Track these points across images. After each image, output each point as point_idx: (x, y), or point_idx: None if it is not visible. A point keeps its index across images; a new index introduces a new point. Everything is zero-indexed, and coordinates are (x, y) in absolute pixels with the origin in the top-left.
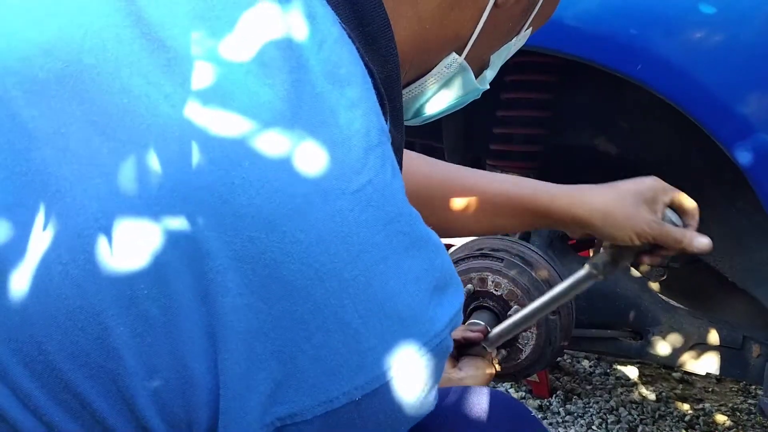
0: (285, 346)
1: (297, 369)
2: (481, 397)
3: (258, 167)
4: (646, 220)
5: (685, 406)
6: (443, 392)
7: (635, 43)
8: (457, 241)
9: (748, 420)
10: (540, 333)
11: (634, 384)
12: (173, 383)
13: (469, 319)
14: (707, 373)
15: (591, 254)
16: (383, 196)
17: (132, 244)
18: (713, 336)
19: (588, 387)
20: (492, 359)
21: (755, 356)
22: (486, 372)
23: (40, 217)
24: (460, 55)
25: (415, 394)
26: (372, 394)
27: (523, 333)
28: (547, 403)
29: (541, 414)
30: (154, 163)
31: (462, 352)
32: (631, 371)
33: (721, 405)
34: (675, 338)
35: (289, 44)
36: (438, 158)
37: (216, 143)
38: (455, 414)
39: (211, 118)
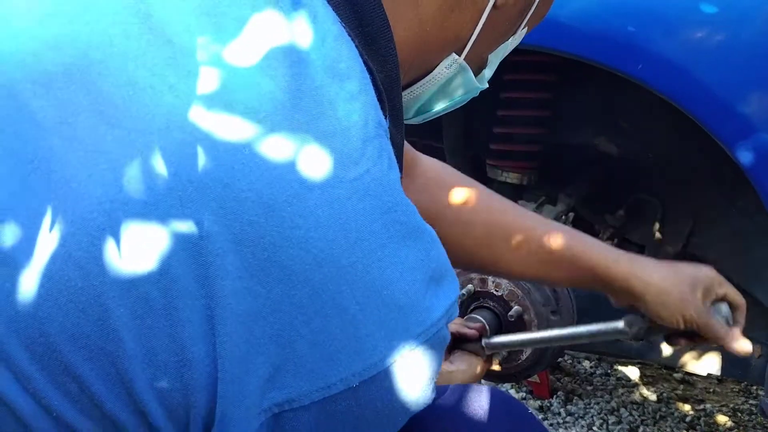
0: (283, 330)
1: (295, 354)
2: (481, 396)
3: (258, 154)
4: (697, 308)
5: (687, 407)
6: (440, 389)
7: (636, 43)
8: None
9: (750, 420)
10: None
11: (635, 385)
12: (172, 366)
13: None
14: (708, 374)
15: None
16: (381, 186)
17: (134, 228)
18: None
19: (589, 388)
20: (486, 359)
21: (756, 357)
22: (477, 371)
23: (46, 202)
24: (460, 56)
25: (413, 384)
26: (369, 381)
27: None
28: (548, 404)
29: (542, 415)
30: (158, 151)
31: (456, 346)
32: (632, 372)
33: (723, 406)
34: None
35: (291, 40)
36: (438, 158)
37: (218, 131)
38: (454, 412)
39: (214, 108)
